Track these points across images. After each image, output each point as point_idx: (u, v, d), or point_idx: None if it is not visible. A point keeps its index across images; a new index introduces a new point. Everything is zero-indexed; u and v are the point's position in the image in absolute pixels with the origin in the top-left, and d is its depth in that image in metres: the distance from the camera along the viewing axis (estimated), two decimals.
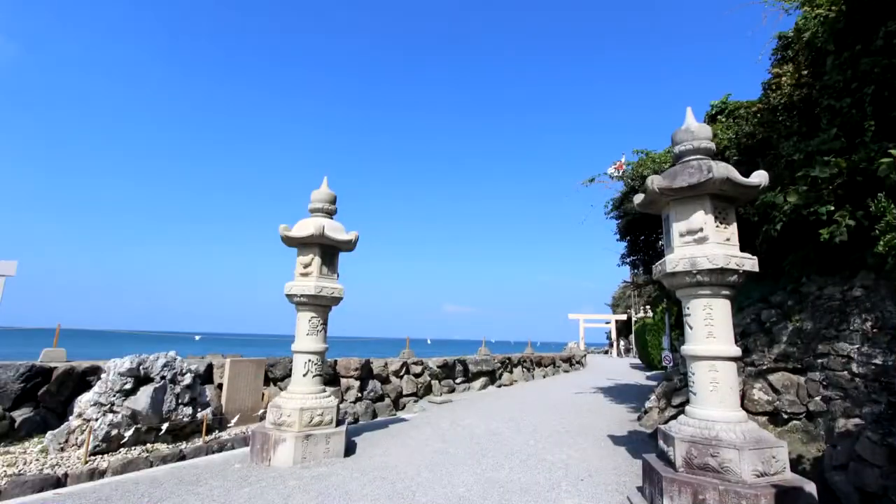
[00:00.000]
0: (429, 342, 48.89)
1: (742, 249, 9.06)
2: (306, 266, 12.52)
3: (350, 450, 12.47)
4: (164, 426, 12.64)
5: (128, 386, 12.40)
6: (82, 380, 13.24)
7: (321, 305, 12.58)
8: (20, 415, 12.26)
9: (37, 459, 10.98)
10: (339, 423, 12.50)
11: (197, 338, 29.80)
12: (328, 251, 12.79)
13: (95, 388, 12.43)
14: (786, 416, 11.43)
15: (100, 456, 11.52)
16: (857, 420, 9.13)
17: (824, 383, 11.05)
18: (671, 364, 24.10)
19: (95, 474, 10.72)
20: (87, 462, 11.06)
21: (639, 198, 10.05)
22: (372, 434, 14.54)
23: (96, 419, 11.91)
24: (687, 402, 9.35)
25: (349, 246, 13.05)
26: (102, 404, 12.10)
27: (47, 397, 12.69)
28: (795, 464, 9.95)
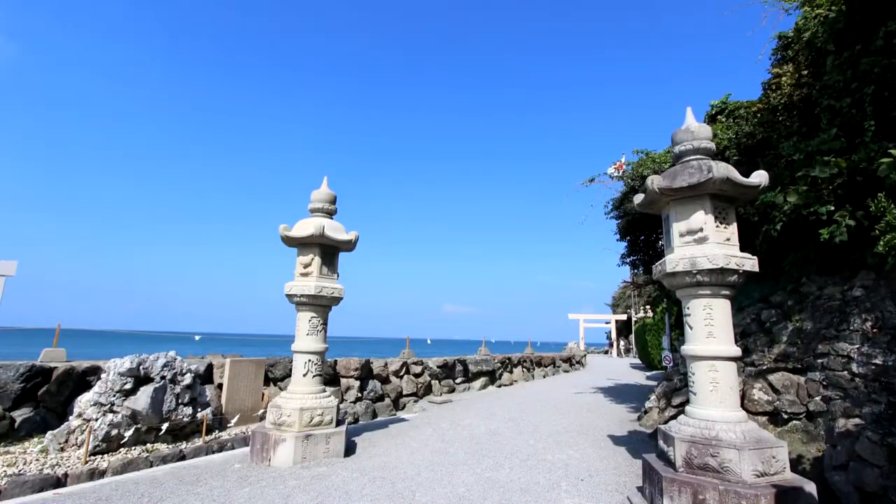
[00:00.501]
0: (429, 342, 48.90)
1: (742, 249, 9.06)
2: (306, 266, 12.56)
3: (350, 450, 12.50)
4: (164, 426, 12.63)
5: (128, 386, 12.39)
6: (82, 380, 13.22)
7: (321, 305, 12.63)
8: (20, 415, 12.25)
9: (37, 459, 10.96)
10: (339, 423, 12.53)
11: (197, 338, 29.78)
12: (328, 251, 12.84)
13: (95, 388, 12.41)
14: (786, 416, 11.41)
15: (100, 456, 11.51)
16: (857, 420, 9.10)
17: (824, 383, 11.04)
18: (671, 364, 24.02)
19: (95, 474, 10.70)
20: (87, 462, 11.04)
21: (639, 198, 10.04)
22: (372, 434, 14.55)
23: (96, 419, 11.90)
24: (687, 402, 9.35)
25: (349, 246, 13.11)
26: (102, 404, 12.10)
27: (47, 397, 12.67)
28: (795, 464, 9.95)
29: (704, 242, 8.79)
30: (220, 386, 15.15)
